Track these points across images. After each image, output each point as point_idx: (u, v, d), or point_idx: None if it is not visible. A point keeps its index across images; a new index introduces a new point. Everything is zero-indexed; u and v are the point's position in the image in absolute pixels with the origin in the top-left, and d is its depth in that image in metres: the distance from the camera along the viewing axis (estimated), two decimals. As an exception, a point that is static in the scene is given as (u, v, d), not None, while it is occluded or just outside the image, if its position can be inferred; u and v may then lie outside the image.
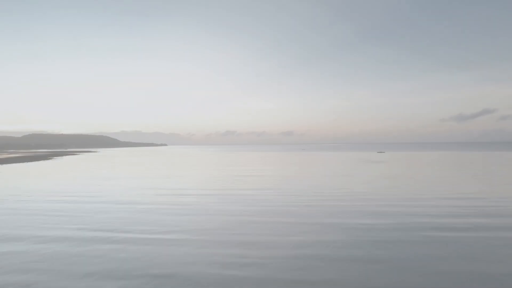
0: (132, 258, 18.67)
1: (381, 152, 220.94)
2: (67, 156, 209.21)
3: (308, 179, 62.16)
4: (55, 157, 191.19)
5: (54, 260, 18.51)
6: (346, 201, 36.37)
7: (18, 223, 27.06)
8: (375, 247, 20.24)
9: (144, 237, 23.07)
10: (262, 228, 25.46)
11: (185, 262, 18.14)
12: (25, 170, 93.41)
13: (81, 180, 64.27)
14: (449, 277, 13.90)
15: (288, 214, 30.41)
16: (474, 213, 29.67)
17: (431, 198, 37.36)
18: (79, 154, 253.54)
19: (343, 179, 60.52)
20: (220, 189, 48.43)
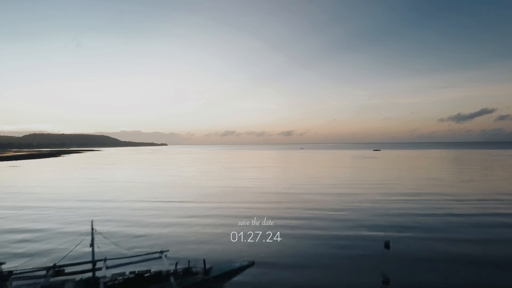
0: (179, 210, 27.90)
1: (377, 150, 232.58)
2: (74, 154, 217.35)
3: (304, 169, 71.99)
4: (63, 155, 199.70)
5: (144, 211, 28.15)
6: (332, 181, 46.97)
7: (107, 194, 37.66)
8: (351, 204, 29.62)
9: (189, 200, 32.80)
10: (268, 197, 34.82)
11: (218, 214, 27.38)
12: (47, 164, 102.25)
13: (112, 170, 75.60)
14: (397, 217, 25.82)
15: (287, 189, 39.64)
16: (428, 188, 39.47)
17: (400, 180, 48.43)
18: (84, 153, 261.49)
19: (334, 169, 70.27)
20: (231, 175, 59.15)
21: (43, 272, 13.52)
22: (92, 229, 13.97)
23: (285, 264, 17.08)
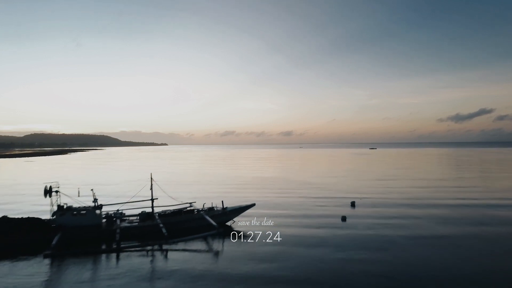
0: (203, 185, 35.26)
1: (373, 148, 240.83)
2: (80, 153, 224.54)
3: (300, 163, 79.84)
4: (69, 153, 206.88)
5: (180, 185, 35.58)
6: (323, 169, 54.78)
7: (144, 174, 44.19)
8: (333, 182, 37.11)
9: (211, 181, 40.08)
10: (270, 180, 42.47)
11: (232, 188, 34.90)
12: (62, 160, 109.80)
13: (133, 162, 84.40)
14: (364, 188, 32.93)
15: (286, 173, 47.29)
16: (397, 173, 47.24)
17: (377, 168, 59.65)
18: (88, 151, 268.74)
19: (327, 162, 78.25)
20: (239, 167, 66.97)
21: (120, 206, 22.31)
22: (151, 178, 22.00)
23: (275, 206, 26.10)
